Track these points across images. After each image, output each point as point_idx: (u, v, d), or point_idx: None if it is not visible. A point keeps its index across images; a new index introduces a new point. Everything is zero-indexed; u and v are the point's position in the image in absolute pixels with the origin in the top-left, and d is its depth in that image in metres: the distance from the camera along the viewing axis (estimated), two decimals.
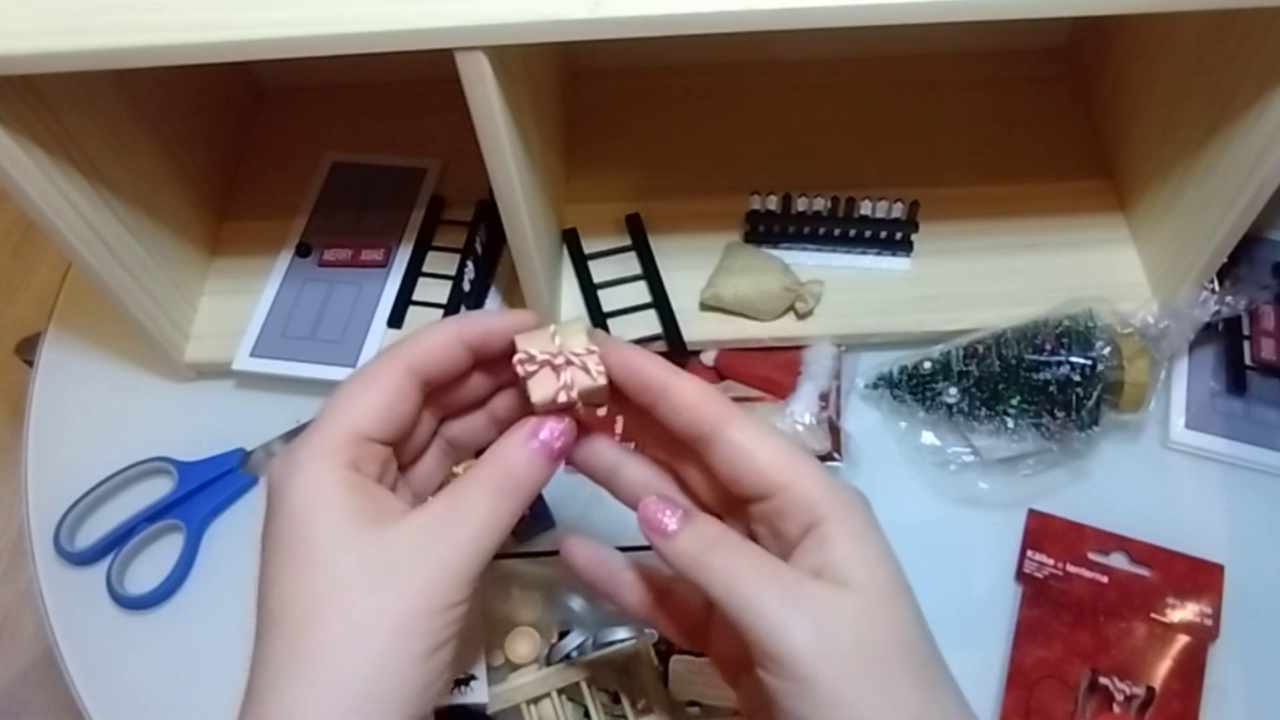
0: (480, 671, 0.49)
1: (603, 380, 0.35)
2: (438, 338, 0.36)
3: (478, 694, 0.49)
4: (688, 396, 0.35)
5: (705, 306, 0.61)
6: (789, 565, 0.33)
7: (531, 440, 0.35)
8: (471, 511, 0.33)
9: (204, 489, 0.59)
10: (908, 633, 0.32)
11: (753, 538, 0.35)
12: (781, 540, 0.34)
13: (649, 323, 0.61)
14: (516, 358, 0.35)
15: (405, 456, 0.38)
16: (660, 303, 0.61)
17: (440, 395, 0.38)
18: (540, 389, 0.35)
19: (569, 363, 0.35)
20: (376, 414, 0.35)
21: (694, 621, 0.40)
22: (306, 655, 0.31)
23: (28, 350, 1.29)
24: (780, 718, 0.32)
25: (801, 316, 0.61)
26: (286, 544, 0.32)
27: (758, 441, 0.34)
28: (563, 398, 0.35)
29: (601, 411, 0.39)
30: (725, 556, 0.33)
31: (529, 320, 0.37)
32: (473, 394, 0.39)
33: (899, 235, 0.63)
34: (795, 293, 0.60)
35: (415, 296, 0.64)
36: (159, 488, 0.59)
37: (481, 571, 0.33)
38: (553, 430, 0.35)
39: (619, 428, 0.60)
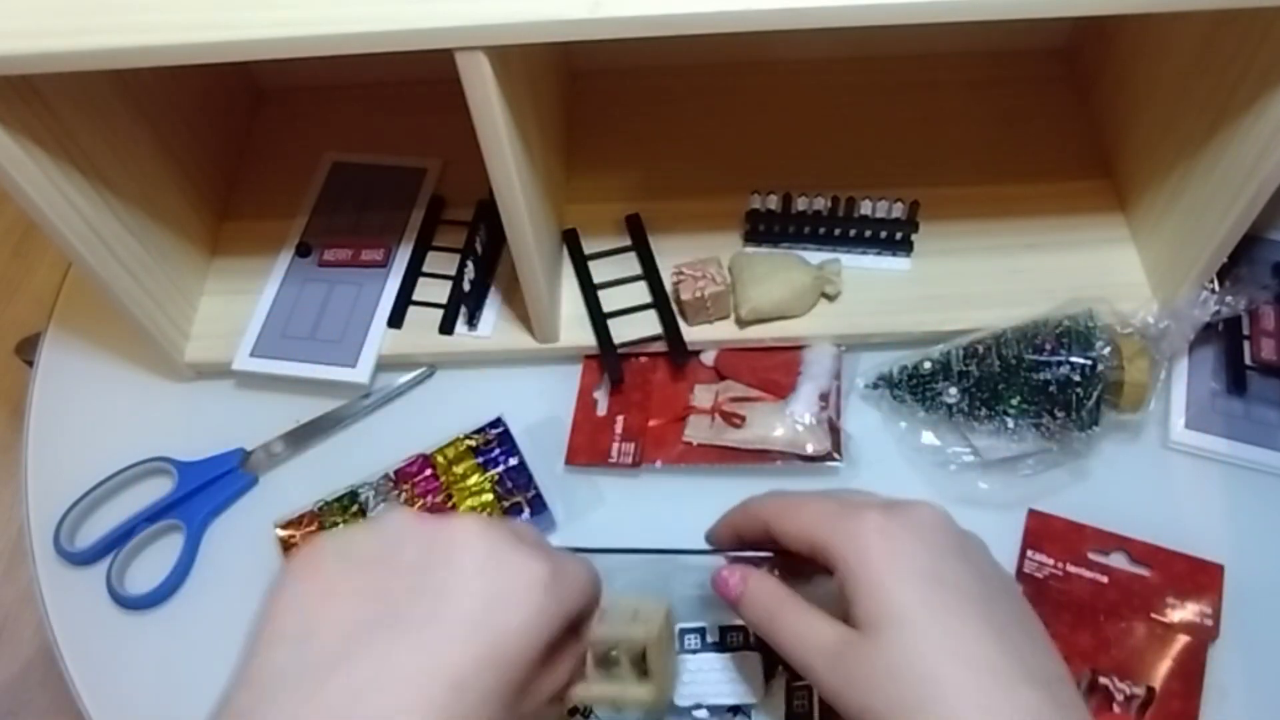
0: None
1: None
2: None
3: None
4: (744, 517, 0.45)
5: (745, 322, 0.61)
6: (819, 619, 0.39)
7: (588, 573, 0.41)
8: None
9: (204, 489, 0.59)
10: (929, 655, 0.35)
11: None
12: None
13: (649, 323, 0.61)
14: None
15: None
16: (660, 303, 0.61)
17: None
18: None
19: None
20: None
21: None
22: None
23: (28, 350, 1.29)
24: None
25: (832, 299, 0.61)
26: (487, 656, 0.34)
27: (789, 522, 0.41)
28: None
29: None
30: (776, 620, 0.40)
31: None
32: None
33: (899, 235, 0.63)
34: (822, 279, 0.60)
35: (415, 296, 0.64)
36: (159, 488, 0.59)
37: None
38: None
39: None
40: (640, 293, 0.63)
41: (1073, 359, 0.55)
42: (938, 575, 0.37)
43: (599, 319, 0.61)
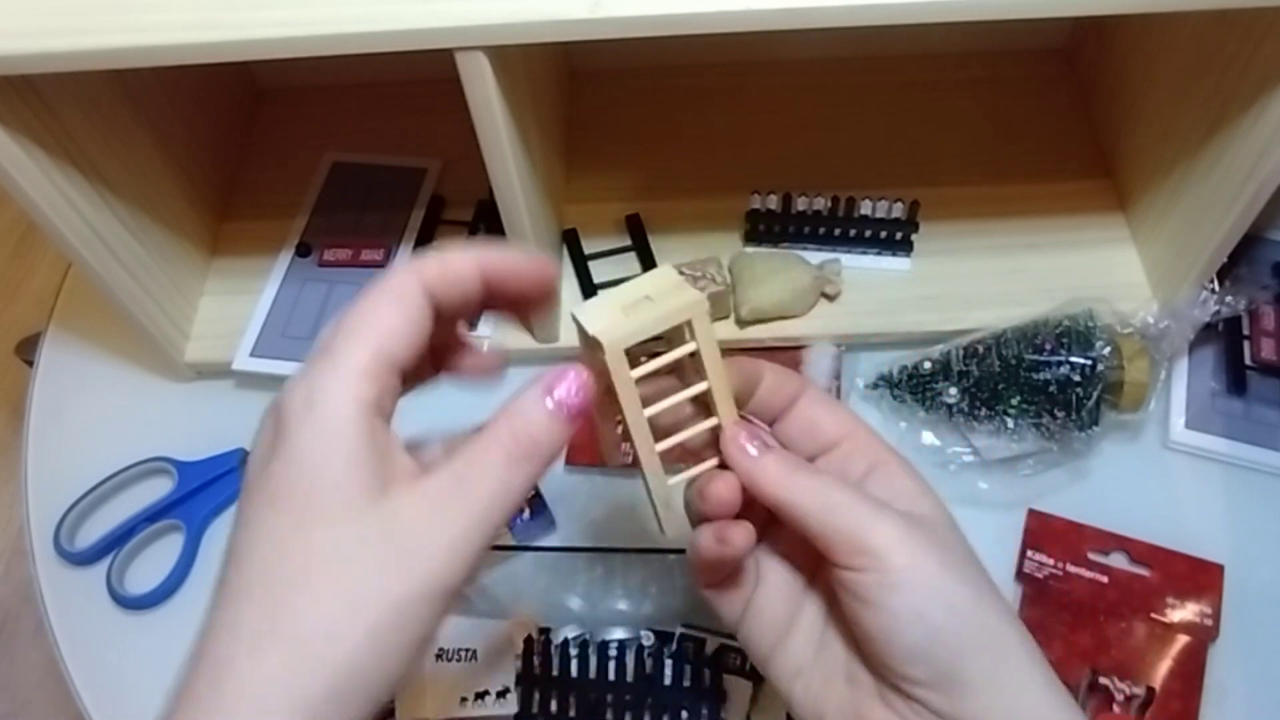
0: (511, 683, 0.49)
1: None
2: (460, 263, 0.32)
3: (509, 705, 0.48)
4: (767, 381, 0.36)
5: (745, 323, 0.61)
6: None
7: (545, 398, 0.32)
8: (482, 481, 0.30)
9: (204, 489, 0.59)
10: (970, 553, 0.35)
11: None
12: (848, 479, 0.35)
13: None
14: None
15: None
16: None
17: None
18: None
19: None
20: (405, 335, 0.31)
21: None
22: (290, 629, 0.27)
23: (28, 350, 1.29)
24: (863, 618, 0.32)
25: (832, 299, 0.61)
26: (285, 489, 0.29)
27: (824, 406, 0.37)
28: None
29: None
30: (809, 475, 0.34)
31: (549, 270, 0.34)
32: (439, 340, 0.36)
33: (899, 235, 0.63)
34: (822, 279, 0.60)
35: None
36: (159, 488, 0.59)
37: (486, 549, 0.30)
38: (569, 387, 0.32)
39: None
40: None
41: (1073, 359, 0.55)
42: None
43: None
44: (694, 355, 0.34)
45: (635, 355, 0.33)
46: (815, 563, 0.36)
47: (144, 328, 0.58)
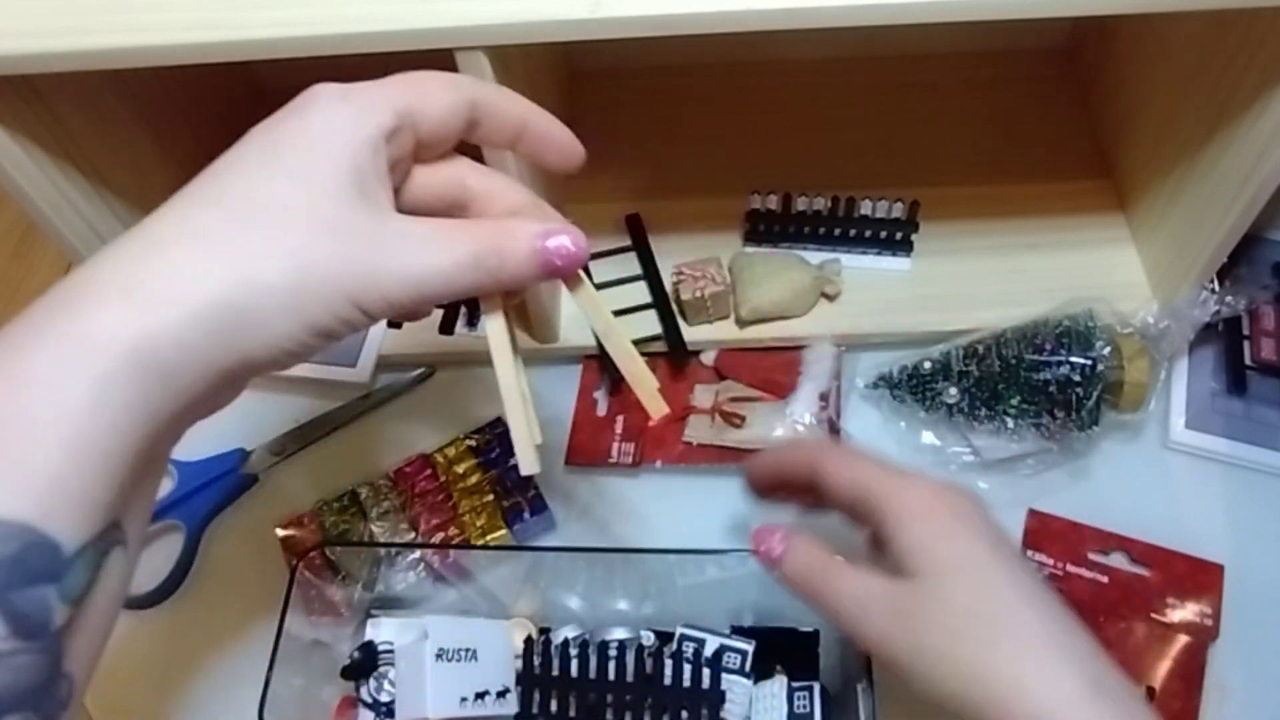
0: (511, 683, 0.49)
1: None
2: (513, 101, 0.36)
3: (509, 705, 0.48)
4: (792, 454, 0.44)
5: (745, 322, 0.61)
6: (867, 574, 0.39)
7: (538, 239, 0.33)
8: (440, 254, 0.32)
9: (204, 489, 0.58)
10: (973, 596, 0.36)
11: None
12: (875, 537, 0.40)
13: (649, 323, 0.61)
14: None
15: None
16: (660, 303, 0.61)
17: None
18: None
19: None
20: (439, 113, 0.34)
21: None
22: (253, 225, 0.31)
23: None
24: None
25: (832, 299, 0.61)
26: (286, 142, 0.32)
27: (840, 468, 0.41)
28: None
29: None
30: (822, 580, 0.40)
31: (577, 151, 0.37)
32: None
33: (899, 235, 0.63)
34: (822, 279, 0.60)
35: None
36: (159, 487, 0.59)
37: (395, 309, 0.32)
38: (564, 246, 0.34)
39: (619, 426, 0.60)
40: (640, 293, 0.63)
41: (1073, 359, 0.55)
42: (993, 533, 0.39)
43: None
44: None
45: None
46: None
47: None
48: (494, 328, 0.37)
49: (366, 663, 0.48)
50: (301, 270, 0.30)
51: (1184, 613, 0.51)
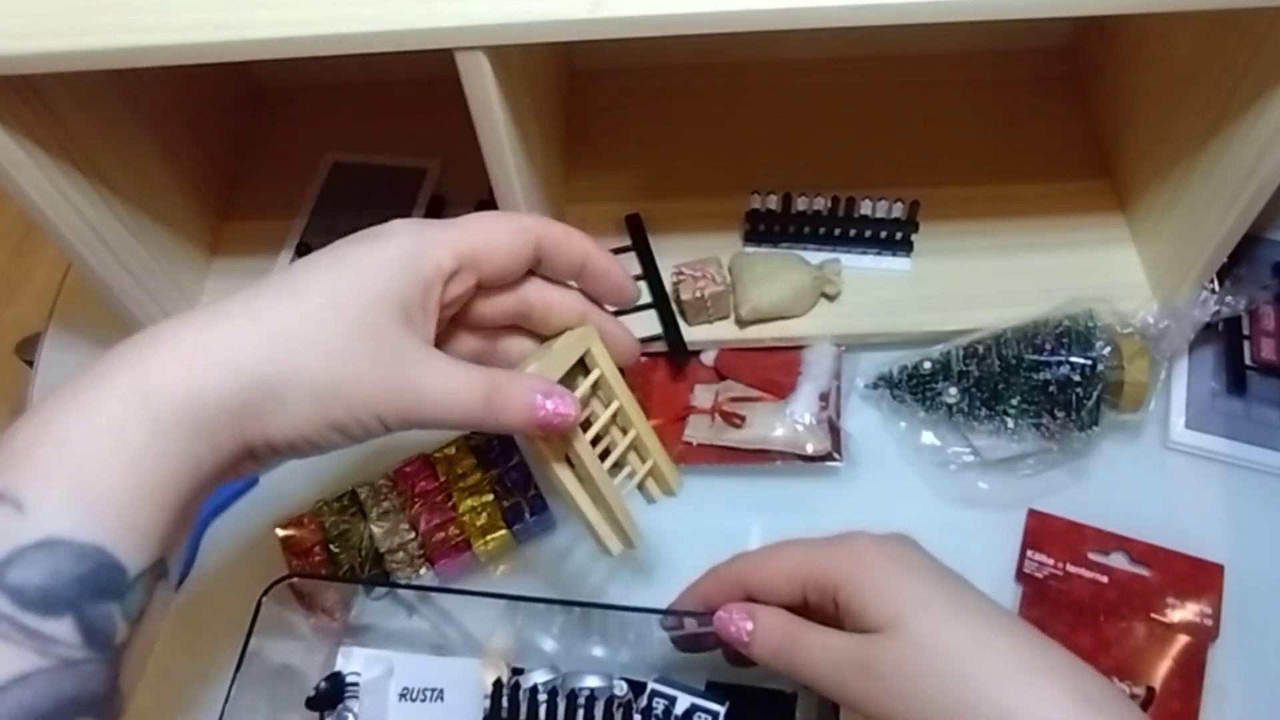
0: None
1: None
2: (578, 241, 0.40)
3: None
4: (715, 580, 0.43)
5: (745, 323, 0.61)
6: (836, 635, 0.39)
7: (538, 396, 0.37)
8: (459, 389, 0.36)
9: None
10: (936, 633, 0.36)
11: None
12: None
13: (649, 323, 0.61)
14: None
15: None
16: (660, 303, 0.61)
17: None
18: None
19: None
20: (503, 259, 0.38)
21: None
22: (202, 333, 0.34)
23: (28, 350, 1.28)
24: None
25: (832, 299, 0.61)
26: (354, 263, 0.36)
27: (770, 566, 0.41)
28: None
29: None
30: (793, 649, 0.39)
31: (631, 292, 0.42)
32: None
33: (899, 235, 0.63)
34: (822, 279, 0.60)
35: None
36: None
37: (406, 426, 0.36)
38: (558, 408, 0.37)
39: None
40: (640, 293, 0.63)
41: (1073, 359, 0.55)
42: (940, 569, 0.39)
43: None
44: (598, 382, 0.41)
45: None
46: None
47: (144, 328, 0.58)
48: (564, 475, 0.41)
49: (333, 694, 0.47)
50: (339, 368, 0.34)
51: (1184, 613, 0.52)
